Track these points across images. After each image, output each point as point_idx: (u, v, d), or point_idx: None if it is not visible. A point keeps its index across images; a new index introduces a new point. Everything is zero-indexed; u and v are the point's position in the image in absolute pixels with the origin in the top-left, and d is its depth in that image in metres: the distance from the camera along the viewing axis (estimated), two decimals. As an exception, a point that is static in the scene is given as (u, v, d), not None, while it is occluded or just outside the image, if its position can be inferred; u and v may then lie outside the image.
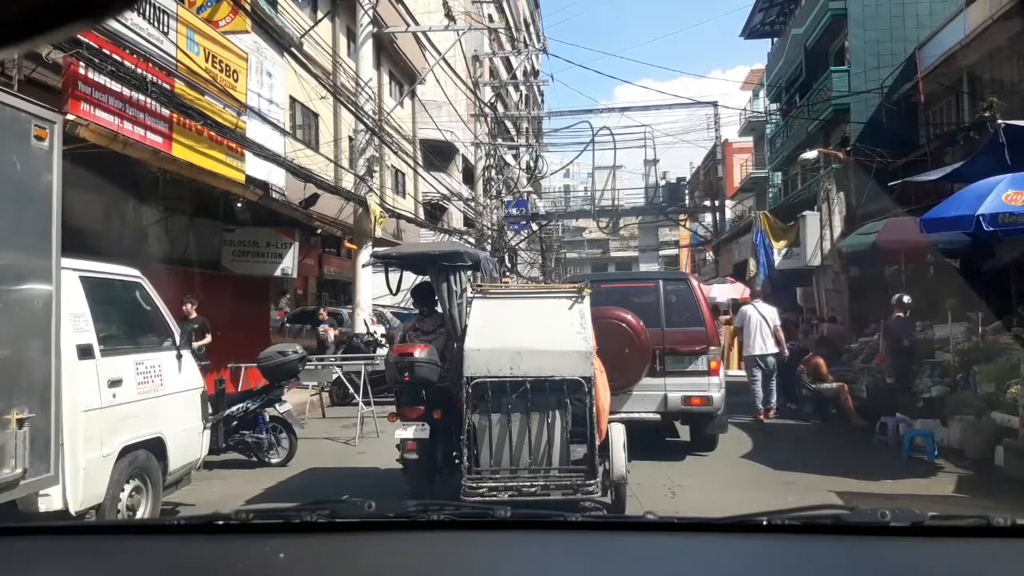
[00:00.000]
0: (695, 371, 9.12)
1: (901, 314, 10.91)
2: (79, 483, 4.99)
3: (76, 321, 5.10)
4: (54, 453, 4.61)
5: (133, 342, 5.97)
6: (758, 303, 12.67)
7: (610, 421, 6.88)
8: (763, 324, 12.20)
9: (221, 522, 1.91)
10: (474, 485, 6.10)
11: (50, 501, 4.81)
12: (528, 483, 6.12)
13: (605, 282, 10.98)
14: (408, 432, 6.62)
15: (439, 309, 7.50)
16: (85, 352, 5.17)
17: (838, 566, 1.72)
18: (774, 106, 32.14)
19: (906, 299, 10.92)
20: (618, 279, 14.85)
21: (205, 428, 6.76)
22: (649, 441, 8.80)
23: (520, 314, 6.61)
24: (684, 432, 10.08)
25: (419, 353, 6.77)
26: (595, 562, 1.72)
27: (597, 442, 6.27)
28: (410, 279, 8.29)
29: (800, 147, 23.09)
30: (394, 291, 8.16)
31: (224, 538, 1.91)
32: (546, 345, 6.30)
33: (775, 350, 12.14)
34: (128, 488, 5.57)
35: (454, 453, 6.75)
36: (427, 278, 7.70)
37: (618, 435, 6.57)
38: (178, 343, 6.29)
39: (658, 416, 9.04)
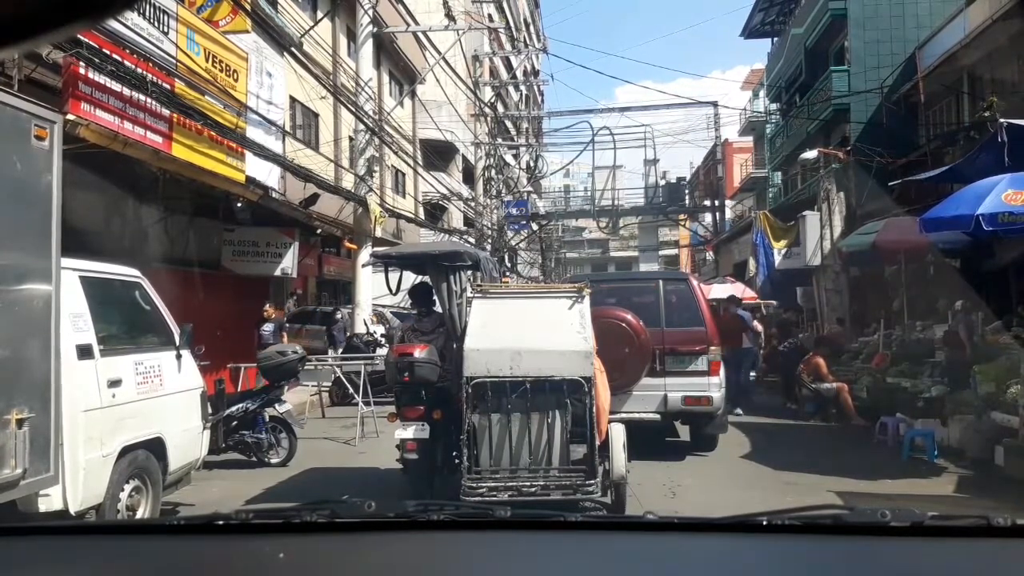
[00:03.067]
0: (695, 371, 9.09)
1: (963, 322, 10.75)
2: (79, 483, 4.98)
3: (76, 321, 5.10)
4: (54, 453, 4.61)
5: (133, 342, 5.97)
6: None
7: (610, 421, 6.86)
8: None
9: (221, 522, 1.91)
10: (474, 485, 6.10)
11: (50, 501, 4.80)
12: (528, 483, 6.13)
13: (605, 282, 11.06)
14: (408, 432, 6.63)
15: (438, 309, 7.48)
16: (85, 352, 5.16)
17: (838, 566, 1.72)
18: (774, 106, 32.14)
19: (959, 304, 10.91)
20: (618, 279, 15.01)
21: (205, 428, 6.75)
22: (649, 441, 8.79)
23: (520, 314, 6.60)
24: (684, 432, 10.07)
25: (419, 353, 6.79)
26: (595, 562, 1.72)
27: (597, 442, 6.27)
28: (409, 279, 8.28)
29: (800, 147, 23.09)
30: (394, 291, 8.15)
31: (224, 538, 1.91)
32: (546, 345, 6.29)
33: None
34: (128, 488, 5.56)
35: (454, 453, 6.73)
36: (425, 278, 7.67)
37: (618, 435, 6.57)
38: (178, 343, 6.29)
39: (658, 416, 9.03)
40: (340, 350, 14.91)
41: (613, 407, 7.64)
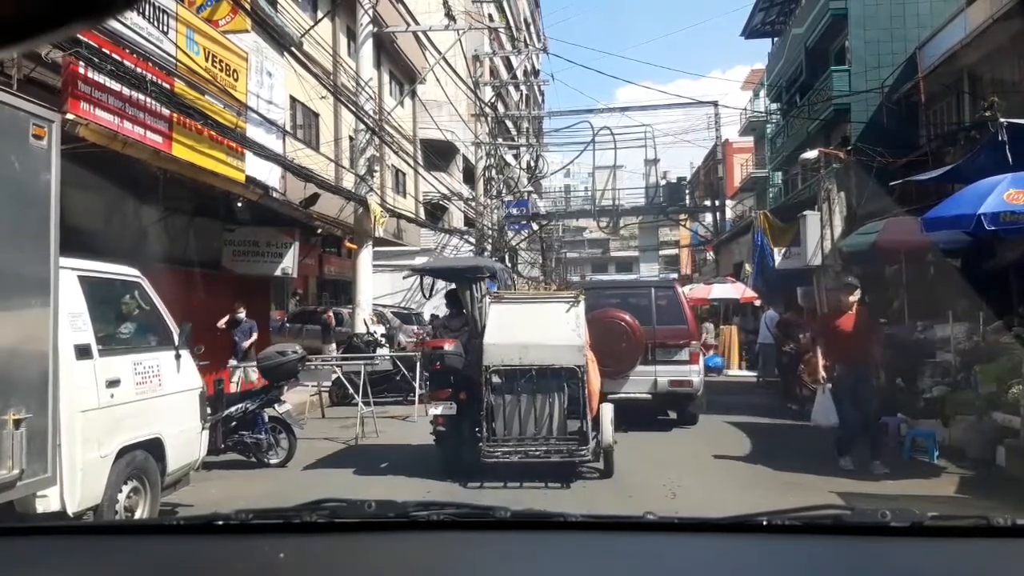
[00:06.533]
0: (679, 360, 11.22)
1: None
2: (76, 484, 4.96)
3: (74, 321, 5.07)
4: (51, 454, 4.58)
5: (132, 342, 5.94)
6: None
7: (608, 399, 8.54)
8: None
9: (220, 522, 1.90)
10: (491, 450, 7.79)
11: (47, 502, 4.77)
12: (534, 448, 7.77)
13: (608, 288, 13.59)
14: (439, 409, 8.22)
15: (465, 311, 9.04)
16: (83, 352, 5.13)
17: (838, 566, 1.71)
18: (774, 106, 32.10)
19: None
20: (618, 286, 16.67)
21: (204, 428, 6.73)
22: (645, 419, 10.90)
23: (528, 315, 8.28)
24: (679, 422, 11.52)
25: (448, 346, 8.40)
26: (595, 562, 1.71)
27: (590, 417, 7.89)
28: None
29: (800, 147, 23.03)
30: (427, 296, 10.30)
31: (223, 538, 1.90)
32: (548, 340, 7.94)
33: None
34: (126, 489, 5.54)
35: (476, 428, 8.17)
36: (452, 285, 9.42)
37: (607, 412, 8.14)
38: (177, 343, 6.26)
39: (649, 396, 11.16)
40: (239, 359, 13.73)
41: (614, 389, 10.19)
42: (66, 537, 2.10)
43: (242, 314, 14.12)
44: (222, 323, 12.92)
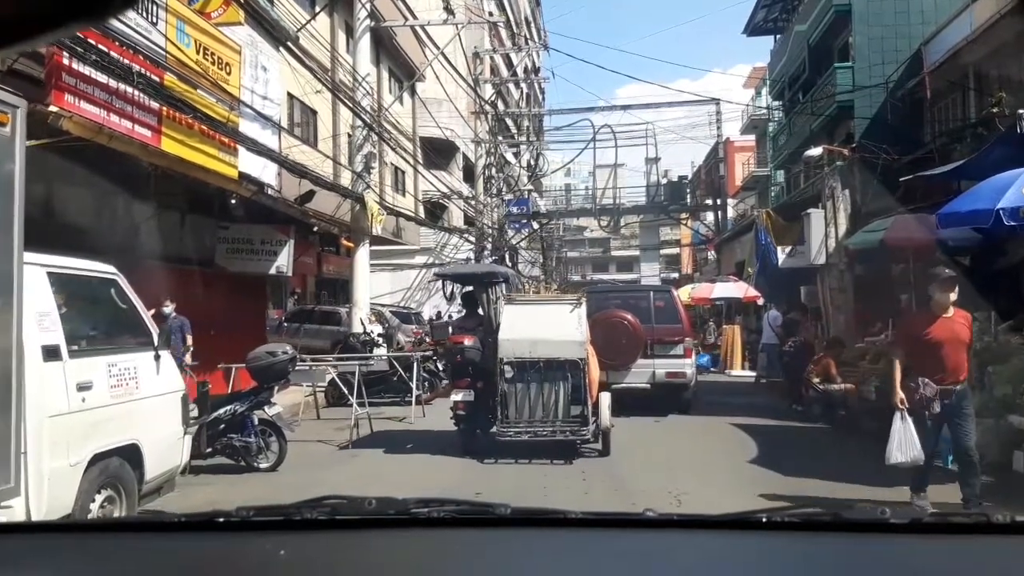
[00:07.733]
0: (674, 355, 12.85)
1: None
2: (43, 494, 4.67)
3: (42, 320, 4.78)
4: (15, 462, 4.29)
5: (106, 343, 5.65)
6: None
7: (611, 389, 10.06)
8: None
9: (221, 519, 1.90)
10: (504, 430, 8.98)
11: (12, 513, 4.47)
12: (541, 429, 8.96)
13: (612, 292, 15.09)
14: (459, 396, 9.41)
15: (479, 311, 10.13)
16: (51, 353, 4.84)
17: (837, 563, 1.71)
18: (777, 103, 31.81)
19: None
20: (621, 290, 18.27)
21: (186, 433, 6.45)
22: (644, 405, 12.15)
23: (536, 315, 9.49)
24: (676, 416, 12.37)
25: (468, 342, 9.63)
26: (595, 559, 1.72)
27: (590, 403, 9.09)
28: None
29: (803, 145, 22.82)
30: (448, 297, 12.02)
31: (224, 535, 1.90)
32: (554, 337, 9.15)
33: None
34: (99, 498, 5.26)
35: (490, 415, 9.34)
36: (469, 288, 10.69)
37: (605, 399, 9.30)
38: (156, 343, 5.97)
39: (648, 386, 12.67)
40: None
41: (617, 380, 11.85)
42: (66, 535, 2.08)
43: (168, 308, 11.52)
44: None
